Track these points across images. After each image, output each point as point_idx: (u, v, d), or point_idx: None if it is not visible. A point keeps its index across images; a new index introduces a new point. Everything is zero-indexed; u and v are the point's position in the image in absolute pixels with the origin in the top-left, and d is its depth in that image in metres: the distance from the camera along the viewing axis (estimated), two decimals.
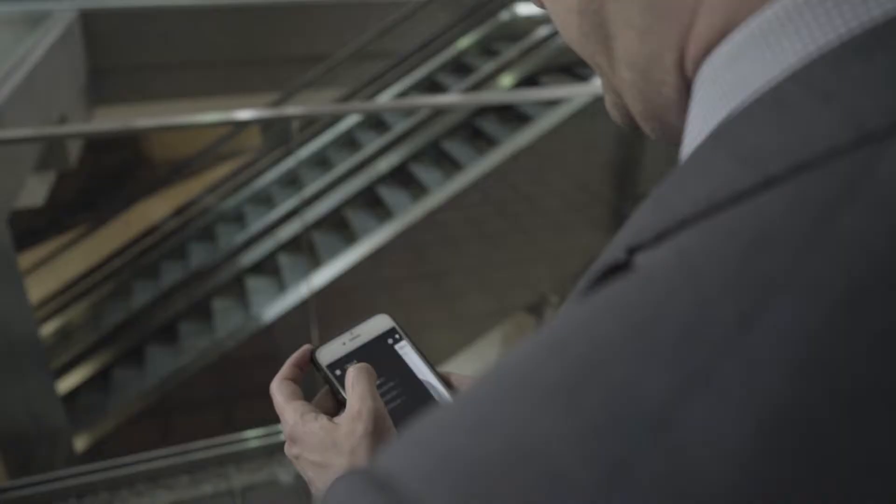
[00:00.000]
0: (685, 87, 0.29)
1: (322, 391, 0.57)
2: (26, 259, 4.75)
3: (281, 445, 1.66)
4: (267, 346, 3.36)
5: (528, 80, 4.12)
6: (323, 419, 0.51)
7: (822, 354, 0.18)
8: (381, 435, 0.49)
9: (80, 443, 3.35)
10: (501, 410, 0.20)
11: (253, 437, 1.63)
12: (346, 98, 4.72)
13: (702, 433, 0.17)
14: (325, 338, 0.60)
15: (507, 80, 4.16)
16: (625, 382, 0.19)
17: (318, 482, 0.51)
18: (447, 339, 3.60)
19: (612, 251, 0.25)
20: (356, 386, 0.51)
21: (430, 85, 4.61)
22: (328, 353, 0.58)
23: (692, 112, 0.29)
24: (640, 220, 0.25)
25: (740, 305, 0.19)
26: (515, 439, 0.19)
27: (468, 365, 4.22)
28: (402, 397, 0.56)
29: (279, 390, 0.55)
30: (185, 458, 1.57)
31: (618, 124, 0.36)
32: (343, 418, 0.51)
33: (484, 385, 0.22)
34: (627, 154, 3.53)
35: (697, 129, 0.28)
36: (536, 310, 4.70)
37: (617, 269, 0.24)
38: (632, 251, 0.24)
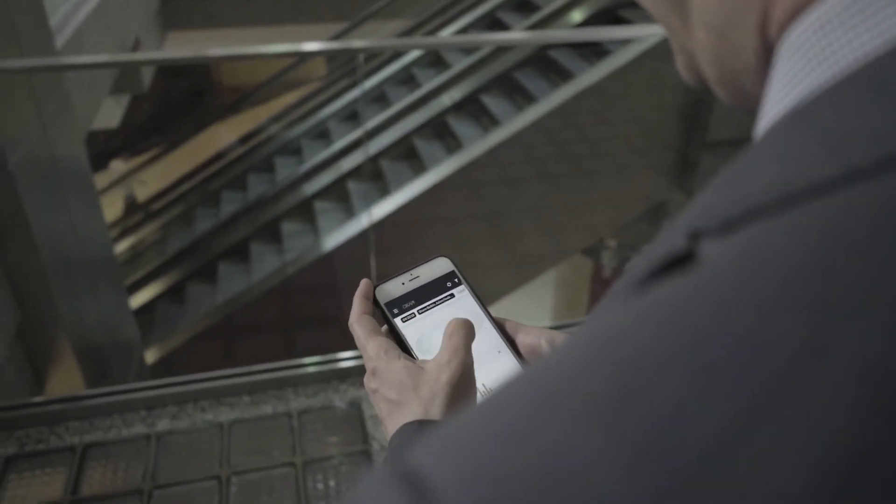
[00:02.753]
0: (766, 53, 0.26)
1: (384, 331, 0.58)
2: (102, 178, 4.95)
3: (337, 373, 1.72)
4: (326, 275, 3.45)
5: (602, 15, 3.98)
6: (405, 359, 0.52)
7: None
8: (463, 389, 0.49)
9: (150, 356, 3.55)
10: (533, 420, 0.18)
11: (310, 363, 1.71)
12: (413, 29, 4.67)
13: (761, 475, 0.15)
14: (383, 269, 0.61)
15: (577, 15, 4.03)
16: (673, 405, 0.16)
17: (390, 420, 0.51)
18: (502, 278, 3.62)
19: (673, 236, 0.22)
20: (454, 336, 0.51)
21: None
22: (387, 291, 0.59)
23: (773, 82, 0.25)
24: (706, 202, 0.23)
25: (812, 328, 0.16)
26: (546, 455, 0.17)
27: (521, 305, 4.26)
28: None
29: (360, 325, 0.56)
30: (246, 379, 1.65)
31: (691, 84, 0.33)
32: (431, 363, 0.51)
33: (521, 386, 0.20)
34: (698, 98, 3.41)
35: (777, 101, 0.25)
36: (593, 253, 4.68)
37: (680, 259, 0.21)
38: (695, 236, 0.21)
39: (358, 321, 0.56)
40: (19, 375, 2.28)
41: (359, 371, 1.69)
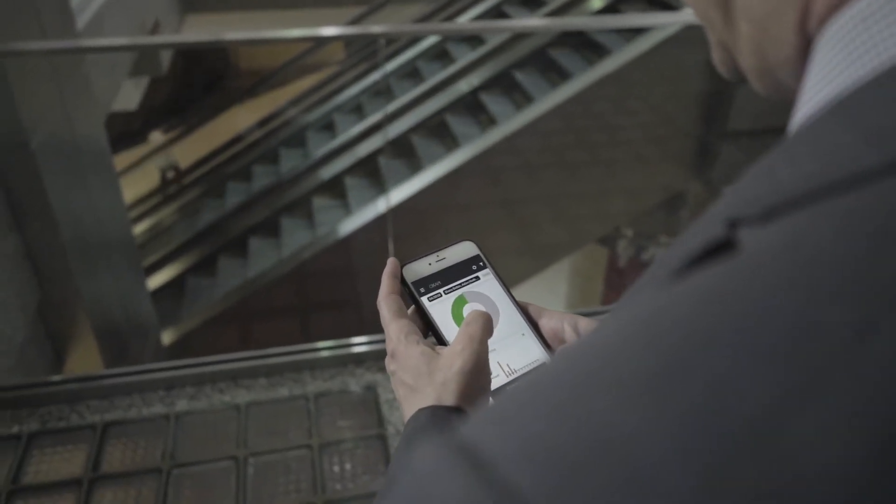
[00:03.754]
0: (805, 47, 0.27)
1: (411, 310, 0.59)
2: (121, 160, 4.98)
3: (353, 357, 1.73)
4: (343, 260, 3.47)
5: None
6: (423, 345, 0.53)
7: None
8: (475, 378, 0.50)
9: (167, 337, 3.58)
10: (583, 393, 0.19)
11: (327, 347, 1.72)
12: (433, 13, 4.66)
13: (813, 449, 0.16)
14: (400, 255, 0.62)
15: (597, 1, 4.00)
16: (724, 382, 0.17)
17: (405, 404, 0.52)
18: (517, 265, 3.62)
19: (709, 225, 0.23)
20: (471, 325, 0.52)
21: None
22: (414, 270, 0.59)
23: (810, 75, 0.26)
24: (743, 192, 0.23)
25: (858, 312, 0.17)
26: (598, 425, 0.18)
27: (536, 292, 4.25)
28: None
29: (386, 305, 0.56)
30: (263, 362, 1.67)
31: (727, 78, 0.34)
32: (445, 350, 0.52)
33: (568, 363, 0.21)
34: (718, 87, 3.38)
35: (814, 93, 0.25)
36: (609, 242, 4.66)
37: (718, 248, 0.22)
38: (733, 224, 0.22)
39: (385, 300, 0.57)
40: (40, 354, 2.31)
41: (374, 356, 1.71)
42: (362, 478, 1.43)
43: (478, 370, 0.50)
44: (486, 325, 0.52)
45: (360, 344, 1.72)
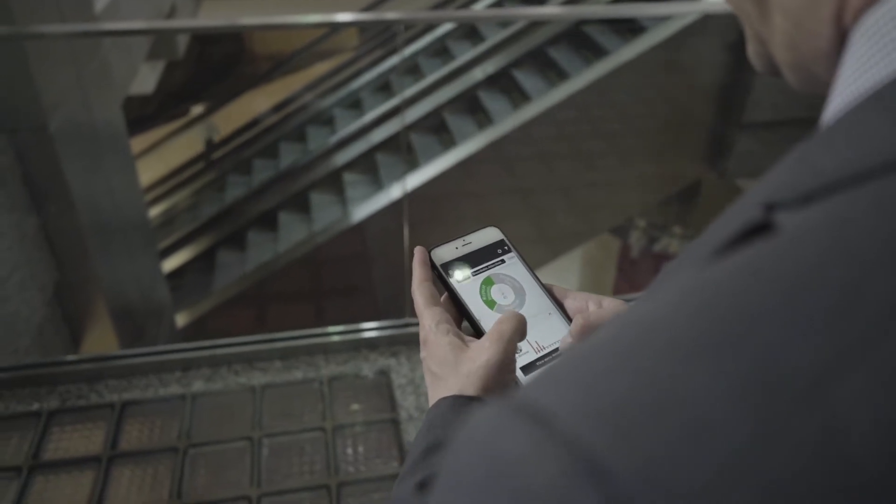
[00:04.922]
0: (840, 40, 0.27)
1: (444, 297, 0.60)
2: (137, 144, 5.01)
3: (366, 342, 1.74)
4: (358, 246, 3.48)
5: None
6: (452, 335, 0.54)
7: None
8: (499, 374, 0.51)
9: (181, 319, 3.61)
10: (636, 358, 0.20)
11: (340, 331, 1.73)
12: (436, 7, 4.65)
13: (857, 409, 0.17)
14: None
15: None
16: (775, 348, 0.18)
17: (431, 391, 0.54)
18: (529, 254, 3.59)
19: (745, 209, 0.24)
20: (503, 323, 0.53)
21: None
22: (441, 254, 0.61)
23: (845, 66, 0.27)
24: (780, 178, 0.24)
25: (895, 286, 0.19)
26: (662, 388, 0.19)
27: (547, 281, 4.25)
28: None
29: (420, 293, 0.57)
30: (278, 345, 1.69)
31: (759, 72, 0.35)
32: (474, 343, 0.53)
33: (615, 333, 0.22)
34: (736, 78, 3.35)
35: (848, 84, 0.26)
36: (621, 232, 4.65)
37: (756, 230, 0.23)
38: (770, 208, 0.23)
39: (418, 288, 0.58)
40: (57, 334, 2.34)
41: (387, 341, 1.72)
42: (374, 461, 1.44)
43: (502, 366, 0.52)
44: (519, 326, 0.53)
45: (373, 329, 1.74)
